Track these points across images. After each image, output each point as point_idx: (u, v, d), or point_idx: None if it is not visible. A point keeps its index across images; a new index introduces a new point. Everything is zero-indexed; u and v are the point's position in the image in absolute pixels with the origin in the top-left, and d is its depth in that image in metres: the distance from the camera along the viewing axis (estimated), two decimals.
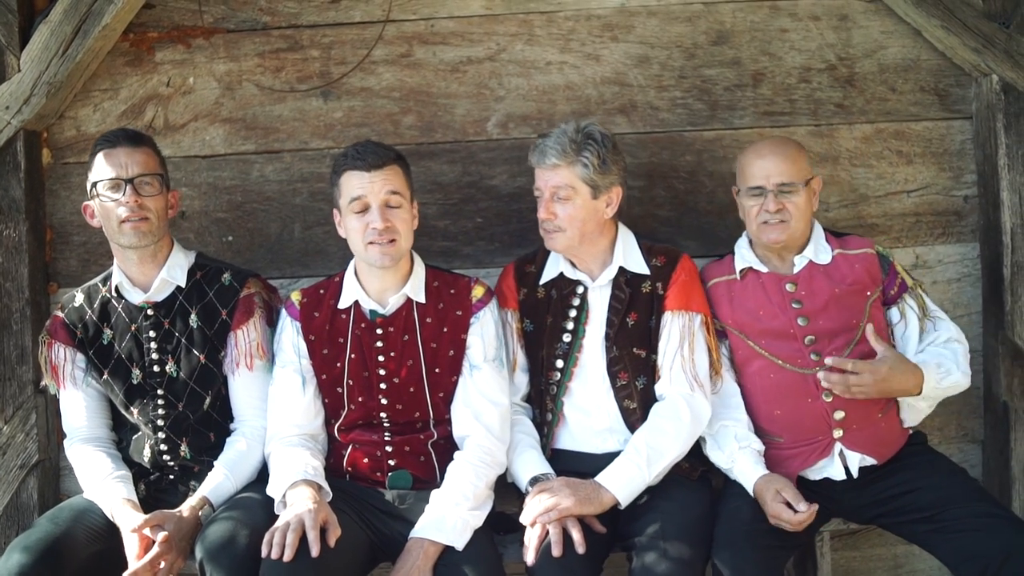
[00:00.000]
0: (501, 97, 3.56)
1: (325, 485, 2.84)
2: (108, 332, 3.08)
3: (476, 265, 3.52)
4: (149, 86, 3.56)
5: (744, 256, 3.14)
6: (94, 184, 2.99)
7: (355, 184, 2.93)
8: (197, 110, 3.57)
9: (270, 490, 2.84)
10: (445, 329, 3.04)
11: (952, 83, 3.54)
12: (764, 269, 3.11)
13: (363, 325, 3.03)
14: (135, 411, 3.07)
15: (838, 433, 3.00)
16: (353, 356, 3.02)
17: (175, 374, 3.06)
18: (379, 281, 3.03)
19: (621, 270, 3.10)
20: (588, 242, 3.08)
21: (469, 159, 3.57)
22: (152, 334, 3.06)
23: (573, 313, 3.11)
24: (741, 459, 2.97)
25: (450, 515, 2.79)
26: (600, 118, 3.49)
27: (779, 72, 3.54)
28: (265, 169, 3.58)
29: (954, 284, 3.57)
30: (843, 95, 3.54)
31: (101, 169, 2.98)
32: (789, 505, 2.82)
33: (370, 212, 2.92)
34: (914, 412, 3.08)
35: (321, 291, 3.10)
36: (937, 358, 2.99)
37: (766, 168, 3.03)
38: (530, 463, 2.99)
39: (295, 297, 3.10)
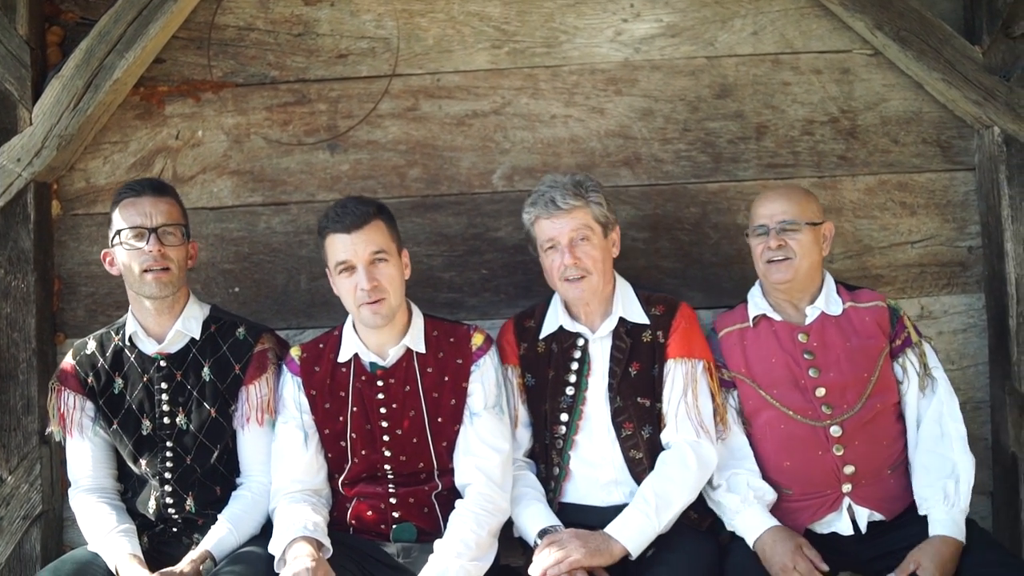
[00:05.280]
0: (506, 150, 3.59)
1: (326, 541, 2.82)
2: (119, 382, 3.07)
3: (481, 316, 3.52)
4: (158, 139, 3.60)
5: (757, 304, 3.16)
6: (118, 232, 2.99)
7: (339, 248, 2.93)
8: (205, 162, 3.60)
9: (272, 547, 2.83)
10: (446, 378, 3.04)
11: (954, 135, 3.57)
12: (777, 318, 3.12)
13: (363, 378, 3.03)
14: (143, 462, 3.06)
15: (847, 487, 2.99)
16: (355, 409, 3.02)
17: (185, 427, 3.05)
18: (377, 335, 3.03)
19: (621, 320, 3.10)
20: (603, 286, 3.09)
21: (474, 211, 3.59)
22: (164, 386, 3.05)
23: (575, 366, 3.11)
24: (750, 509, 2.95)
25: (452, 566, 2.77)
26: (604, 170, 3.53)
27: (782, 125, 3.57)
28: (272, 221, 3.60)
29: (960, 335, 3.57)
30: (846, 147, 3.57)
31: (125, 217, 2.98)
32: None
33: (356, 273, 2.92)
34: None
35: (321, 345, 3.10)
36: (939, 484, 2.91)
37: (770, 208, 3.09)
38: (537, 516, 2.98)
39: (295, 352, 3.09)
